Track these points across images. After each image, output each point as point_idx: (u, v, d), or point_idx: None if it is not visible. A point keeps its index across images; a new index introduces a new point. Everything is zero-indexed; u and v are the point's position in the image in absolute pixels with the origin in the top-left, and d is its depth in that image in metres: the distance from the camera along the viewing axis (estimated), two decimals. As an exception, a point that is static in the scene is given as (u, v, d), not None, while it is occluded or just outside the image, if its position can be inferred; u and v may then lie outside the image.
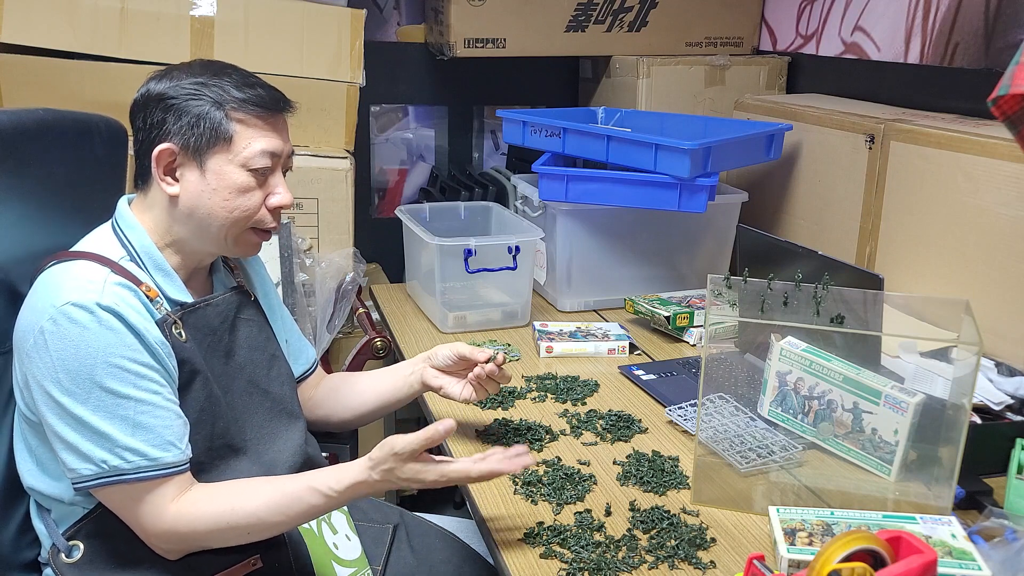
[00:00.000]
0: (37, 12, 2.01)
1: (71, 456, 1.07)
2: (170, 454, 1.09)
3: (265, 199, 1.20)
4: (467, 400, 1.38)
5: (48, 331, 1.06)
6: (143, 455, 1.07)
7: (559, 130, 2.00)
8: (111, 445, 1.06)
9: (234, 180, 1.16)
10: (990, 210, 1.57)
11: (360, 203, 2.37)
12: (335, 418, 1.46)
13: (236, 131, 1.16)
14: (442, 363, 1.39)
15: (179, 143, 1.15)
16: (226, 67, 1.20)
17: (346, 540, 1.30)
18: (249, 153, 1.16)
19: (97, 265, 1.12)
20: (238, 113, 1.16)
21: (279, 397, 1.30)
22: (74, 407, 1.05)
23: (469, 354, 1.36)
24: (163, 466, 1.09)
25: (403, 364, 1.46)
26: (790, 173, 2.12)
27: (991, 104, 1.05)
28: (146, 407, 1.08)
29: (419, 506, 2.51)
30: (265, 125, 1.18)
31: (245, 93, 1.16)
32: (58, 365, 1.05)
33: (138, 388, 1.08)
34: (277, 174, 1.21)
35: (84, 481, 1.07)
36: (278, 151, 1.20)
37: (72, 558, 1.15)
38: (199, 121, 1.14)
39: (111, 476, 1.07)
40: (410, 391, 1.43)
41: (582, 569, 1.10)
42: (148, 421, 1.08)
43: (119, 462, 1.06)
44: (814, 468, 1.29)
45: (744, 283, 1.36)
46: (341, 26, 2.18)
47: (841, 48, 2.28)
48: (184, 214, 1.18)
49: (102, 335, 1.06)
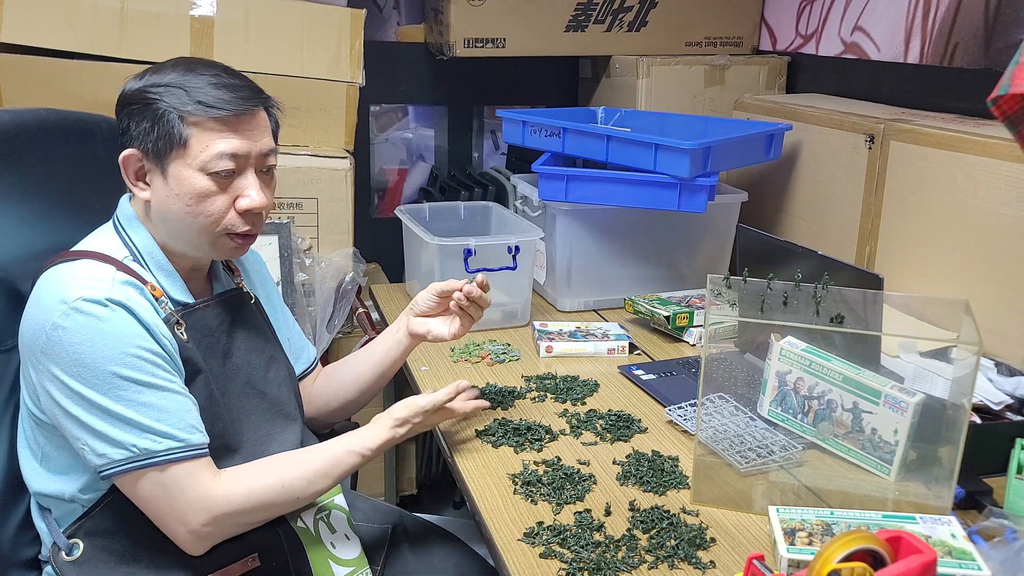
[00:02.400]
0: (37, 12, 2.01)
1: (100, 443, 1.07)
2: (196, 436, 1.10)
3: (234, 202, 1.17)
4: (455, 335, 1.40)
5: (62, 327, 1.06)
6: (172, 436, 1.08)
7: (559, 130, 2.00)
8: (139, 430, 1.07)
9: (193, 185, 1.13)
10: (990, 210, 1.57)
11: (360, 203, 2.37)
12: (335, 402, 1.46)
13: (192, 135, 1.13)
14: (424, 307, 1.41)
15: (141, 148, 1.14)
16: (199, 65, 1.17)
17: (344, 540, 1.30)
18: (206, 157, 1.13)
19: (102, 264, 1.12)
20: (194, 116, 1.12)
21: (276, 399, 1.30)
22: (97, 398, 1.06)
23: (446, 286, 1.39)
24: (192, 447, 1.09)
25: (389, 327, 1.47)
26: (790, 173, 2.12)
27: (991, 104, 1.04)
28: (166, 393, 1.09)
29: (418, 506, 2.52)
30: (223, 128, 1.14)
31: (205, 95, 1.13)
32: (75, 359, 1.05)
33: (156, 376, 1.09)
34: (246, 176, 1.17)
35: (115, 466, 1.07)
36: (242, 152, 1.15)
37: (72, 556, 1.15)
38: (154, 126, 1.13)
39: (143, 459, 1.07)
40: (400, 347, 1.44)
41: (582, 569, 1.10)
42: (170, 406, 1.09)
43: (150, 444, 1.07)
44: (814, 468, 1.29)
45: (744, 283, 1.36)
46: (341, 26, 2.18)
47: (841, 48, 2.28)
48: (159, 219, 1.18)
49: (116, 326, 1.07)
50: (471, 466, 1.36)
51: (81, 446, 1.08)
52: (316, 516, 1.28)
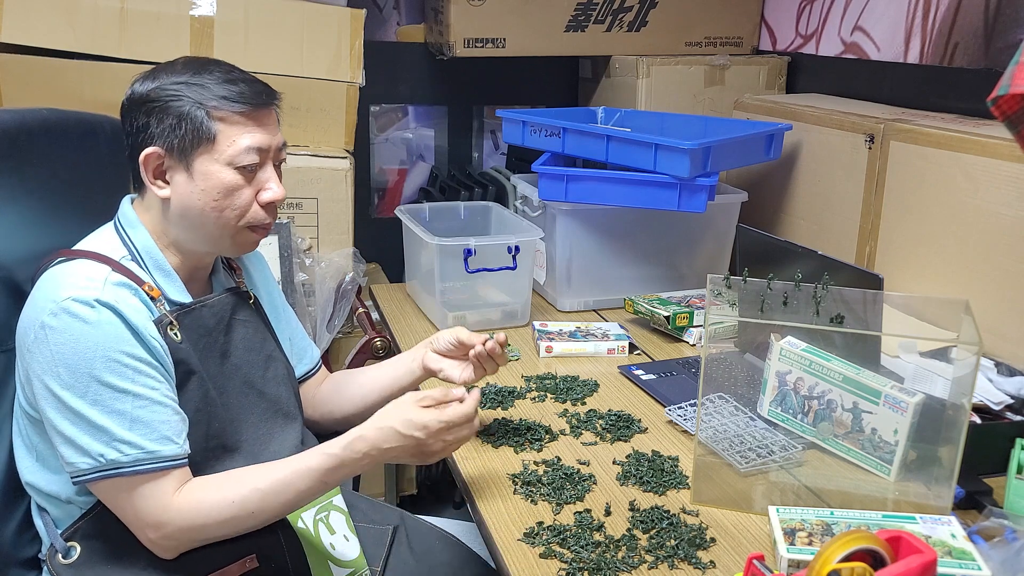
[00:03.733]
0: (37, 12, 2.01)
1: (69, 450, 1.07)
2: (167, 448, 1.09)
3: (256, 195, 1.19)
4: (465, 381, 1.39)
5: (48, 325, 1.06)
6: (140, 448, 1.07)
7: (559, 130, 2.00)
8: (108, 439, 1.06)
9: (221, 179, 1.15)
10: (990, 210, 1.57)
11: (360, 203, 2.38)
12: (339, 413, 1.46)
13: (219, 130, 1.14)
14: (444, 347, 1.40)
15: (164, 146, 1.15)
16: (209, 63, 1.18)
17: (344, 540, 1.30)
18: (234, 151, 1.15)
19: (98, 264, 1.12)
20: (220, 111, 1.14)
21: (275, 398, 1.30)
22: (72, 401, 1.06)
23: (467, 339, 1.37)
24: (160, 459, 1.08)
25: (405, 353, 1.47)
26: (790, 173, 2.12)
27: (991, 104, 1.04)
28: (143, 402, 1.08)
29: (419, 506, 2.52)
30: (248, 121, 1.16)
31: (226, 90, 1.15)
32: (57, 359, 1.05)
33: (136, 383, 1.08)
34: (267, 168, 1.20)
35: (82, 475, 1.07)
36: (265, 145, 1.18)
37: (69, 559, 1.15)
38: (181, 122, 1.13)
39: (108, 470, 1.07)
40: (412, 377, 1.43)
41: (582, 569, 1.10)
42: (145, 416, 1.08)
43: (116, 455, 1.06)
44: (814, 468, 1.29)
45: (744, 283, 1.36)
46: (341, 26, 2.18)
47: (841, 48, 2.28)
48: (177, 216, 1.18)
49: (101, 329, 1.07)
50: (471, 466, 1.36)
51: (58, 444, 1.09)
52: (316, 517, 1.28)
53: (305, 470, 1.13)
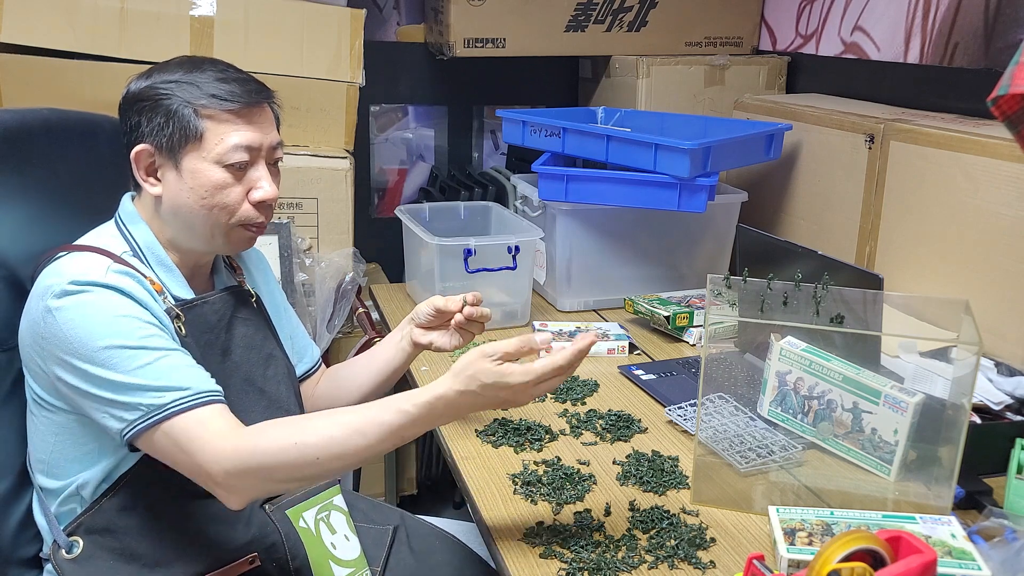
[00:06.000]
0: (37, 12, 2.01)
1: (113, 409, 1.07)
2: (201, 383, 1.09)
3: (248, 193, 1.19)
4: (457, 346, 1.39)
5: (54, 307, 1.07)
6: (175, 388, 1.07)
7: (559, 130, 2.00)
8: (143, 391, 1.06)
9: (210, 178, 1.15)
10: (990, 210, 1.57)
11: (360, 203, 2.37)
12: (339, 405, 1.46)
13: (207, 127, 1.14)
14: (424, 319, 1.39)
15: (154, 143, 1.15)
16: (203, 62, 1.19)
17: (344, 540, 1.31)
18: (222, 149, 1.15)
19: (100, 256, 1.13)
20: (208, 109, 1.14)
21: (275, 396, 1.30)
22: (97, 371, 1.06)
23: (444, 306, 1.36)
24: (198, 394, 1.08)
25: (392, 333, 1.47)
26: (790, 173, 2.12)
27: (991, 104, 1.04)
28: (161, 352, 1.08)
29: (419, 506, 2.52)
30: (237, 119, 1.16)
31: (216, 88, 1.15)
32: (71, 336, 1.06)
33: (149, 339, 1.08)
34: (258, 167, 1.19)
35: (131, 428, 1.06)
36: (255, 144, 1.18)
37: (72, 554, 1.15)
38: (169, 120, 1.14)
39: (153, 415, 1.06)
40: (404, 355, 1.43)
41: (582, 569, 1.10)
42: (168, 363, 1.08)
43: (155, 400, 1.06)
44: (814, 468, 1.29)
45: (744, 283, 1.36)
46: (341, 26, 2.18)
47: (841, 48, 2.28)
48: (169, 214, 1.18)
49: (107, 300, 1.08)
50: (471, 466, 1.36)
51: (102, 416, 1.08)
52: (316, 516, 1.28)
53: (378, 423, 1.06)
